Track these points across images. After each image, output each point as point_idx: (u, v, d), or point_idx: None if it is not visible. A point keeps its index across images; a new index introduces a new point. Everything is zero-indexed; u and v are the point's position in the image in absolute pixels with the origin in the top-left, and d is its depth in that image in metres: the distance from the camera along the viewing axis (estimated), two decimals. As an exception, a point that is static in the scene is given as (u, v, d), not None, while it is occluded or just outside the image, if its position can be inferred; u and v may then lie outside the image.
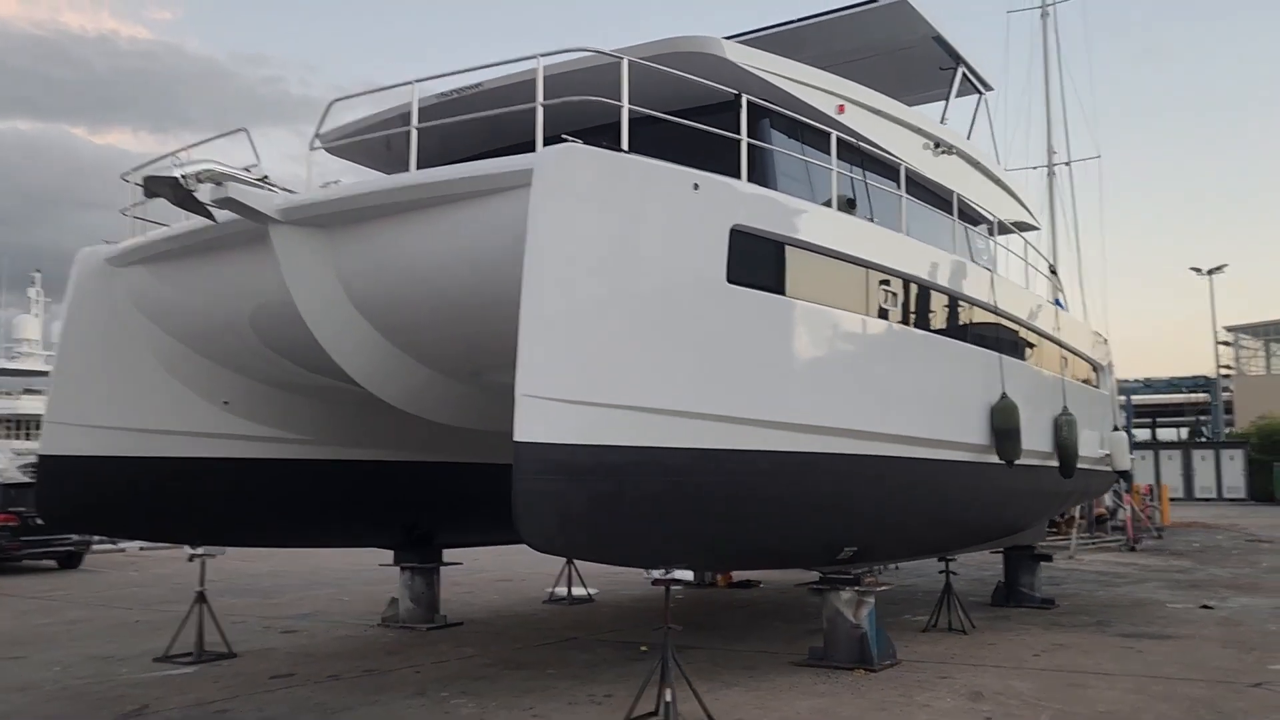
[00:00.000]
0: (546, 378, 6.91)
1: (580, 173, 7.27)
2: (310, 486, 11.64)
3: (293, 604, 15.75)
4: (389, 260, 8.47)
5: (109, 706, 8.74)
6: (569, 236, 7.15)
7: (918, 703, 8.55)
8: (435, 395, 9.80)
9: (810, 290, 8.80)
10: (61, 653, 11.52)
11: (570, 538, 7.20)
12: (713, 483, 7.98)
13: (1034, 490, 13.03)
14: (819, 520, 9.24)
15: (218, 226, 9.36)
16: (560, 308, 7.06)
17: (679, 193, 7.82)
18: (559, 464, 6.93)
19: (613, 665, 10.50)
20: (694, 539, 8.11)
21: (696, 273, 7.89)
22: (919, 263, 10.26)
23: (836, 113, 10.61)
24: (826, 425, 8.87)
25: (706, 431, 7.85)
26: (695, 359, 7.84)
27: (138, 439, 10.53)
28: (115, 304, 10.39)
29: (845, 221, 9.47)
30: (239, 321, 10.05)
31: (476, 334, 8.73)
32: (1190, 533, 29.87)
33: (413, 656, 11.04)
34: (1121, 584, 18.02)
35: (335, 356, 8.99)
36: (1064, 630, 12.57)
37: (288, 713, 8.44)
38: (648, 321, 7.58)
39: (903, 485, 10.00)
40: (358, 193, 8.26)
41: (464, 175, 7.64)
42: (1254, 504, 45.43)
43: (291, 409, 11.28)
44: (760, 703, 8.58)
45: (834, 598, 10.19)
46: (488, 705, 8.62)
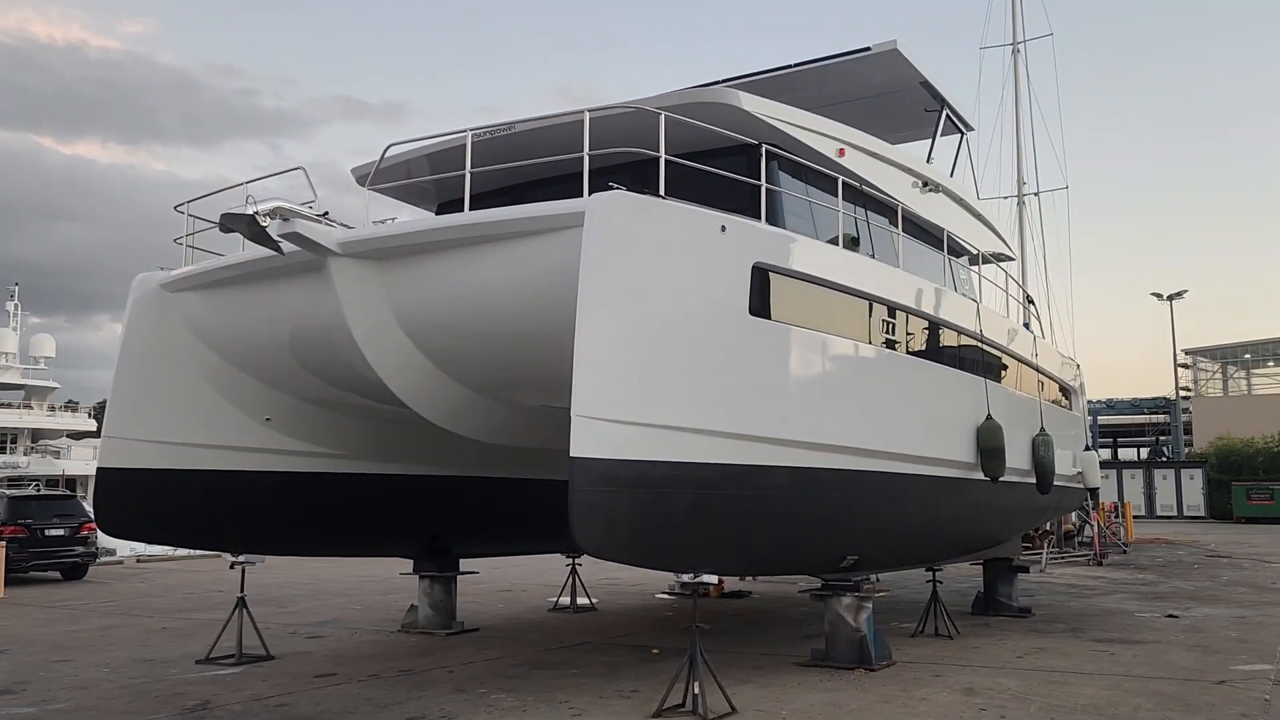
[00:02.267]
0: (598, 399, 7.75)
1: (626, 216, 8.15)
2: (343, 498, 12.40)
3: (308, 612, 16.41)
4: (439, 291, 9.30)
5: (173, 702, 9.43)
6: (616, 273, 8.02)
7: (916, 697, 9.44)
8: (473, 414, 10.61)
9: (820, 321, 9.72)
10: (105, 656, 12.15)
11: (617, 543, 8.03)
12: (736, 495, 8.85)
13: (1014, 505, 14.02)
14: (825, 530, 10.13)
15: (267, 259, 10.17)
16: (610, 337, 7.92)
17: (709, 234, 8.71)
18: (607, 477, 7.76)
19: (631, 665, 11.31)
20: (719, 546, 8.97)
21: (722, 306, 8.78)
22: (914, 295, 11.23)
23: (837, 155, 11.58)
24: (833, 443, 9.77)
25: (731, 449, 8.73)
26: (721, 383, 8.72)
27: (188, 453, 11.25)
28: (169, 326, 11.12)
29: (850, 258, 10.41)
30: (281, 344, 10.83)
31: (518, 359, 9.57)
32: (1153, 548, 31.10)
33: (442, 658, 11.79)
34: (1091, 595, 19.04)
35: (384, 377, 9.78)
36: (1041, 636, 13.52)
37: (343, 707, 9.18)
38: (681, 349, 8.46)
39: (899, 499, 10.92)
40: (415, 229, 9.10)
41: (520, 216, 8.49)
42: (1213, 521, 46.93)
43: (327, 425, 12.04)
44: (775, 696, 9.43)
45: (835, 603, 11.08)
46: (525, 700, 9.40)
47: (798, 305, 9.49)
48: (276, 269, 10.17)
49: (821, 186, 11.12)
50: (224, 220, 8.83)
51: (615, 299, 8.00)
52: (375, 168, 9.92)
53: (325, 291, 9.71)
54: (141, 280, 11.16)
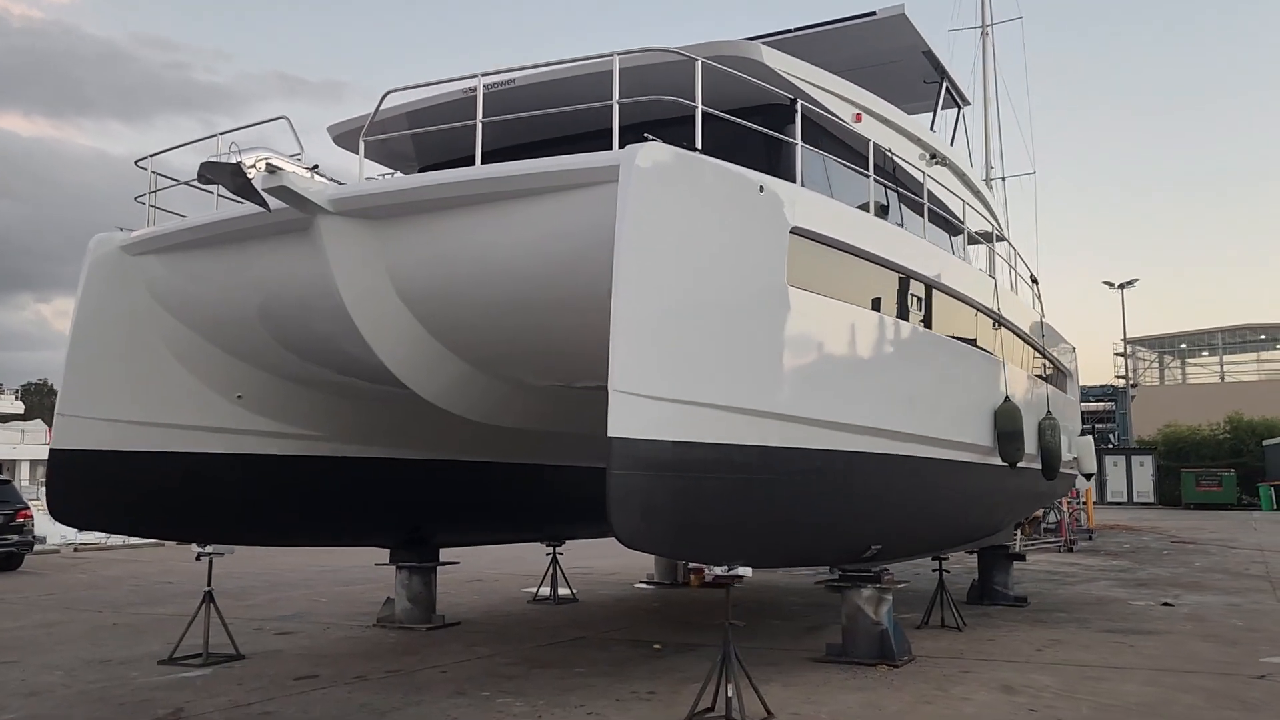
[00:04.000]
0: (639, 373, 6.95)
1: (665, 170, 7.34)
2: (319, 484, 11.43)
3: (270, 605, 15.36)
4: (443, 255, 8.41)
5: (140, 711, 8.44)
6: (657, 234, 7.21)
7: (955, 696, 8.83)
8: (471, 393, 9.74)
9: (854, 294, 9.03)
10: (55, 657, 11.05)
11: (655, 533, 7.26)
12: (772, 480, 8.14)
13: (1023, 491, 13.54)
14: (853, 518, 9.47)
15: (240, 219, 9.19)
16: (650, 305, 7.12)
17: (748, 195, 7.95)
18: (647, 460, 6.98)
19: (636, 663, 10.56)
20: (756, 536, 8.24)
21: (760, 274, 8.04)
22: (938, 269, 10.60)
23: (854, 120, 10.88)
24: (866, 425, 9.11)
25: (768, 430, 8.00)
26: (758, 358, 7.99)
27: (150, 433, 10.21)
28: (130, 293, 10.05)
29: (883, 228, 9.73)
30: (253, 314, 9.85)
31: (530, 332, 8.73)
32: (1117, 534, 31.21)
33: (429, 657, 10.91)
34: (1074, 583, 18.73)
35: (377, 350, 8.87)
36: (1049, 627, 13.05)
37: (336, 714, 8.28)
38: (718, 320, 7.69)
39: (923, 485, 10.31)
40: (419, 185, 8.16)
41: (544, 170, 7.63)
42: (1162, 507, 47.66)
43: (304, 404, 11.06)
44: (806, 697, 8.75)
45: (854, 595, 10.43)
46: (536, 704, 8.59)
47: (834, 276, 8.80)
48: (251, 230, 9.18)
49: (836, 152, 10.40)
50: (204, 170, 7.83)
51: (655, 263, 7.19)
52: (370, 118, 8.96)
53: (310, 255, 8.76)
54: (99, 241, 10.06)
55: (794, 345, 8.30)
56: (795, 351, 8.31)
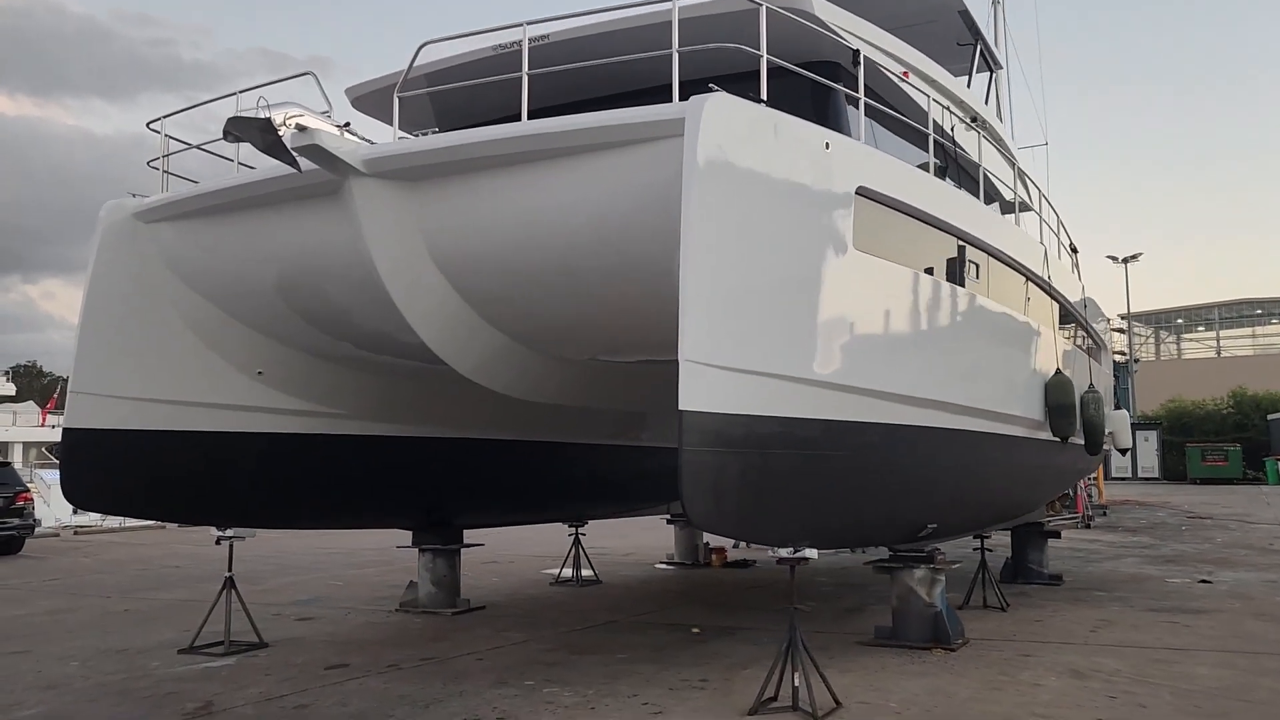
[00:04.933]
0: (711, 343, 6.46)
1: (733, 125, 6.82)
2: (341, 464, 10.93)
3: (285, 589, 14.89)
4: (486, 219, 7.87)
5: (166, 705, 7.96)
6: (728, 192, 6.70)
7: (1024, 682, 8.40)
8: (509, 367, 9.25)
9: (915, 259, 8.54)
10: (68, 646, 10.55)
11: (725, 513, 6.79)
12: (836, 456, 7.66)
13: (1067, 467, 13.11)
14: (912, 496, 9.01)
15: (262, 183, 8.66)
16: (722, 268, 6.62)
17: (814, 152, 7.44)
18: (719, 435, 6.50)
19: (678, 647, 10.11)
20: (821, 515, 7.78)
21: (827, 236, 7.54)
22: (995, 235, 10.10)
23: (902, 79, 10.34)
24: (927, 397, 8.64)
25: (832, 403, 7.52)
26: (824, 326, 7.49)
27: (167, 411, 9.69)
28: (144, 263, 9.49)
29: (945, 190, 9.23)
30: (275, 285, 9.32)
31: (577, 302, 8.23)
32: (1130, 510, 30.93)
33: (461, 643, 10.44)
34: (1101, 560, 18.37)
35: (411, 321, 8.36)
36: (1092, 606, 12.64)
37: (375, 707, 7.81)
38: (785, 285, 7.21)
39: (980, 461, 9.86)
40: (461, 143, 7.60)
41: (601, 124, 7.08)
42: (1167, 483, 47.46)
43: (328, 380, 10.54)
44: (868, 684, 8.31)
45: (906, 576, 9.99)
46: (585, 694, 8.14)
47: (897, 240, 8.31)
48: (275, 194, 8.65)
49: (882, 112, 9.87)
50: (230, 127, 7.26)
51: (726, 223, 6.68)
52: (405, 74, 8.40)
53: (340, 221, 8.23)
54: (111, 209, 9.49)
55: (859, 313, 7.81)
56: (861, 320, 7.82)
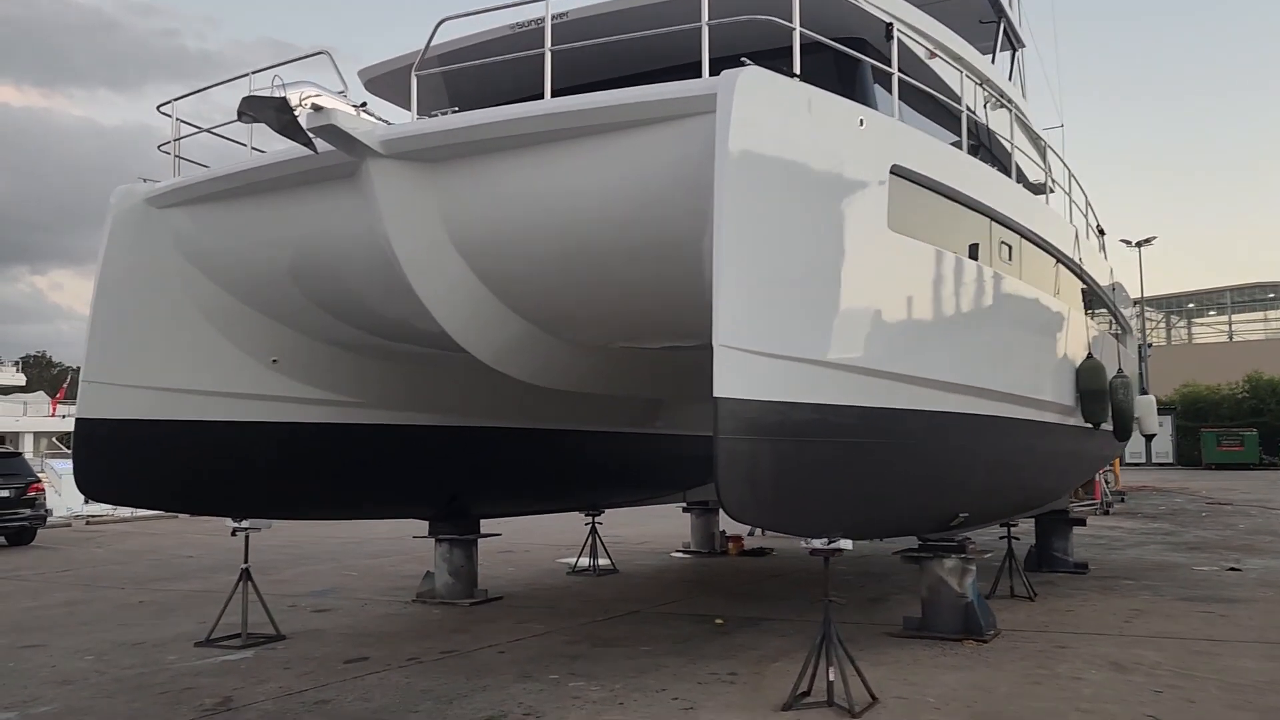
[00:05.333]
0: (746, 328, 6.22)
1: (766, 99, 6.55)
2: (358, 453, 10.72)
3: (299, 580, 14.72)
4: (508, 200, 7.63)
5: (184, 700, 7.77)
6: (762, 171, 6.45)
7: (1064, 675, 8.17)
8: (530, 354, 9.02)
9: (948, 240, 8.28)
10: (83, 639, 10.38)
11: (760, 503, 6.56)
12: (871, 444, 7.43)
13: (1096, 452, 12.86)
14: (946, 483, 8.77)
15: (276, 165, 8.43)
16: (757, 250, 6.38)
17: (848, 128, 7.18)
18: (753, 423, 6.27)
19: (703, 640, 9.90)
20: (856, 505, 7.54)
21: (861, 217, 7.28)
22: (1028, 216, 9.82)
23: (927, 58, 10.05)
24: (962, 383, 8.40)
25: (868, 389, 7.28)
26: (859, 310, 7.25)
27: (181, 401, 9.48)
28: (156, 249, 9.27)
29: (979, 169, 8.96)
30: (290, 271, 9.11)
31: (604, 286, 7.97)
32: (1147, 496, 30.64)
33: (482, 635, 10.25)
34: (1123, 547, 18.12)
35: (431, 308, 8.13)
36: (1122, 595, 12.40)
37: (397, 702, 7.61)
38: (819, 268, 6.95)
39: (1013, 448, 9.63)
40: (483, 122, 7.33)
41: (629, 101, 6.81)
42: (1182, 468, 47.12)
43: (344, 368, 10.33)
44: (902, 678, 8.08)
45: (937, 566, 9.76)
46: (613, 688, 7.93)
47: (931, 220, 8.04)
48: (289, 177, 8.42)
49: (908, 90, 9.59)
50: (245, 107, 7.03)
51: (761, 203, 6.44)
52: (422, 52, 8.14)
53: (357, 204, 7.99)
54: (122, 194, 9.26)
55: (894, 296, 7.56)
56: (896, 303, 7.57)
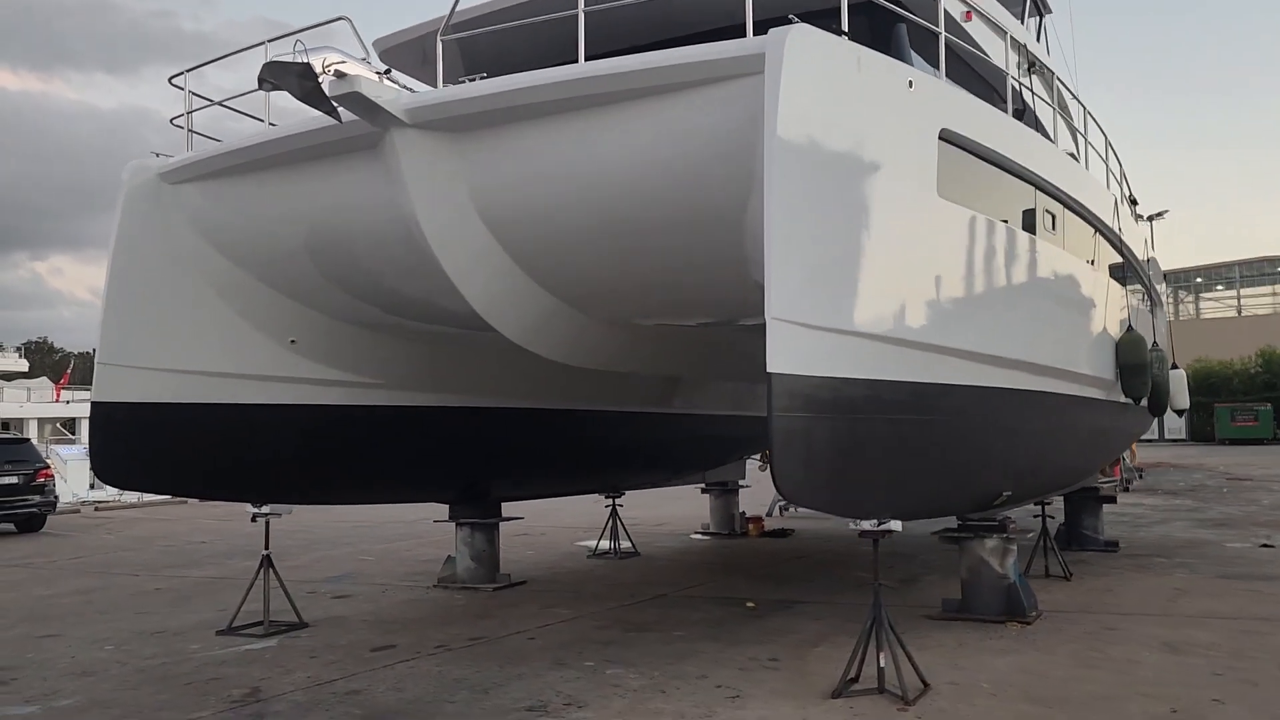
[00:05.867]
0: (799, 300, 5.92)
1: (816, 59, 6.22)
2: (379, 436, 10.44)
3: (315, 565, 14.48)
4: (539, 171, 7.30)
5: (211, 691, 7.52)
6: (813, 135, 6.13)
7: (1119, 658, 7.90)
8: (558, 331, 8.72)
9: (998, 209, 7.96)
10: (101, 628, 10.15)
11: (815, 483, 6.27)
12: (922, 421, 7.13)
13: (1130, 428, 12.57)
14: (992, 461, 8.48)
15: (293, 138, 8.10)
16: (809, 217, 6.06)
17: (897, 90, 6.85)
18: (806, 398, 5.97)
19: (737, 623, 9.65)
20: (906, 484, 7.25)
21: (911, 183, 6.97)
22: (1072, 185, 9.49)
23: (964, 20, 9.69)
24: (1010, 358, 8.09)
25: (920, 364, 6.98)
26: (909, 281, 6.94)
27: (198, 383, 9.21)
28: (170, 227, 8.97)
29: (1026, 135, 8.61)
30: (309, 248, 8.80)
31: (639, 260, 7.66)
32: (1165, 472, 30.37)
33: (509, 621, 10.00)
34: (1149, 524, 17.86)
35: (459, 284, 7.83)
36: (1158, 574, 12.13)
37: (431, 691, 7.36)
38: (870, 237, 6.63)
39: (1060, 426, 9.35)
40: (515, 87, 6.99)
41: (671, 63, 6.47)
42: (1195, 444, 46.84)
43: (364, 349, 10.04)
44: (950, 663, 7.82)
45: (977, 547, 9.48)
46: (652, 675, 7.67)
47: (979, 188, 7.72)
48: (308, 149, 8.09)
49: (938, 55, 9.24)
50: (266, 73, 6.70)
51: (812, 169, 6.12)
52: (448, 16, 7.80)
53: (380, 177, 7.68)
54: (134, 170, 8.95)
55: (945, 267, 7.25)
56: (947, 274, 7.26)
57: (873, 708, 6.64)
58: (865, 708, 6.65)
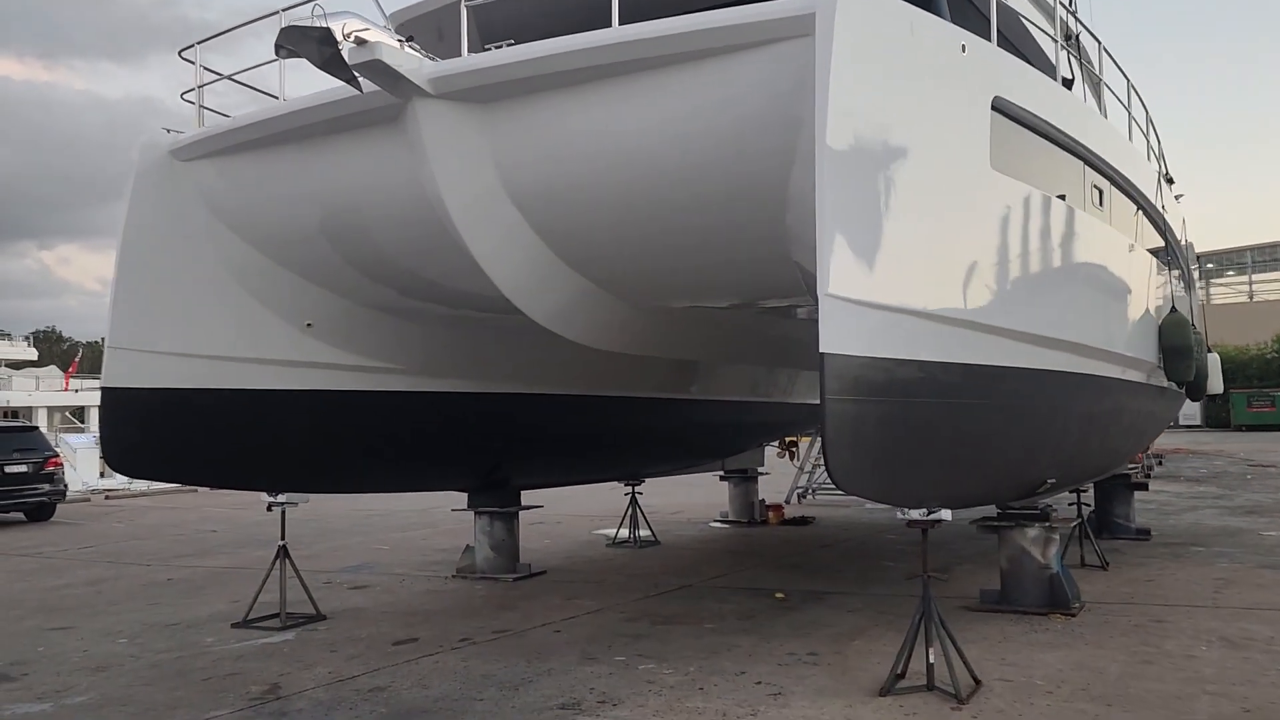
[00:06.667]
0: (855, 276, 5.57)
1: (870, 21, 5.85)
2: (397, 422, 10.11)
3: (329, 556, 14.18)
4: (570, 144, 6.94)
5: (229, 687, 7.23)
6: (867, 104, 5.77)
7: (1176, 653, 7.55)
8: (587, 314, 8.38)
9: (1050, 183, 7.58)
10: (112, 620, 9.87)
11: (864, 469, 5.93)
12: (974, 404, 6.78)
13: (1168, 412, 12.21)
14: (1039, 448, 8.13)
15: (311, 110, 7.75)
16: (863, 191, 5.71)
17: (949, 54, 6.47)
18: (858, 381, 5.63)
19: (768, 616, 9.33)
20: (956, 471, 6.91)
21: (962, 154, 6.60)
22: (1120, 160, 9.10)
23: None
24: (1059, 339, 7.73)
25: (972, 345, 6.63)
26: (964, 257, 6.59)
27: (211, 368, 8.88)
28: (182, 205, 8.63)
29: (1077, 106, 8.24)
30: (325, 227, 8.46)
31: (675, 237, 7.30)
32: (1184, 459, 29.98)
33: (532, 613, 9.69)
34: (1178, 512, 17.49)
35: (484, 265, 7.49)
36: (1198, 564, 11.76)
37: (459, 689, 7.05)
38: (923, 209, 6.28)
39: (1107, 410, 8.99)
40: (547, 54, 6.61)
41: (714, 25, 6.09)
42: (1211, 430, 46.39)
43: (382, 333, 9.71)
44: (998, 658, 7.49)
45: (1018, 536, 9.14)
46: (687, 670, 7.36)
47: (1032, 161, 7.35)
48: (325, 123, 7.73)
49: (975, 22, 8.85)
50: (284, 39, 6.34)
51: (866, 138, 5.76)
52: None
53: (400, 151, 7.33)
54: (146, 146, 8.60)
55: (998, 243, 6.89)
56: (999, 250, 6.90)
57: (924, 706, 6.32)
58: (917, 706, 6.33)
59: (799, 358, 14.41)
